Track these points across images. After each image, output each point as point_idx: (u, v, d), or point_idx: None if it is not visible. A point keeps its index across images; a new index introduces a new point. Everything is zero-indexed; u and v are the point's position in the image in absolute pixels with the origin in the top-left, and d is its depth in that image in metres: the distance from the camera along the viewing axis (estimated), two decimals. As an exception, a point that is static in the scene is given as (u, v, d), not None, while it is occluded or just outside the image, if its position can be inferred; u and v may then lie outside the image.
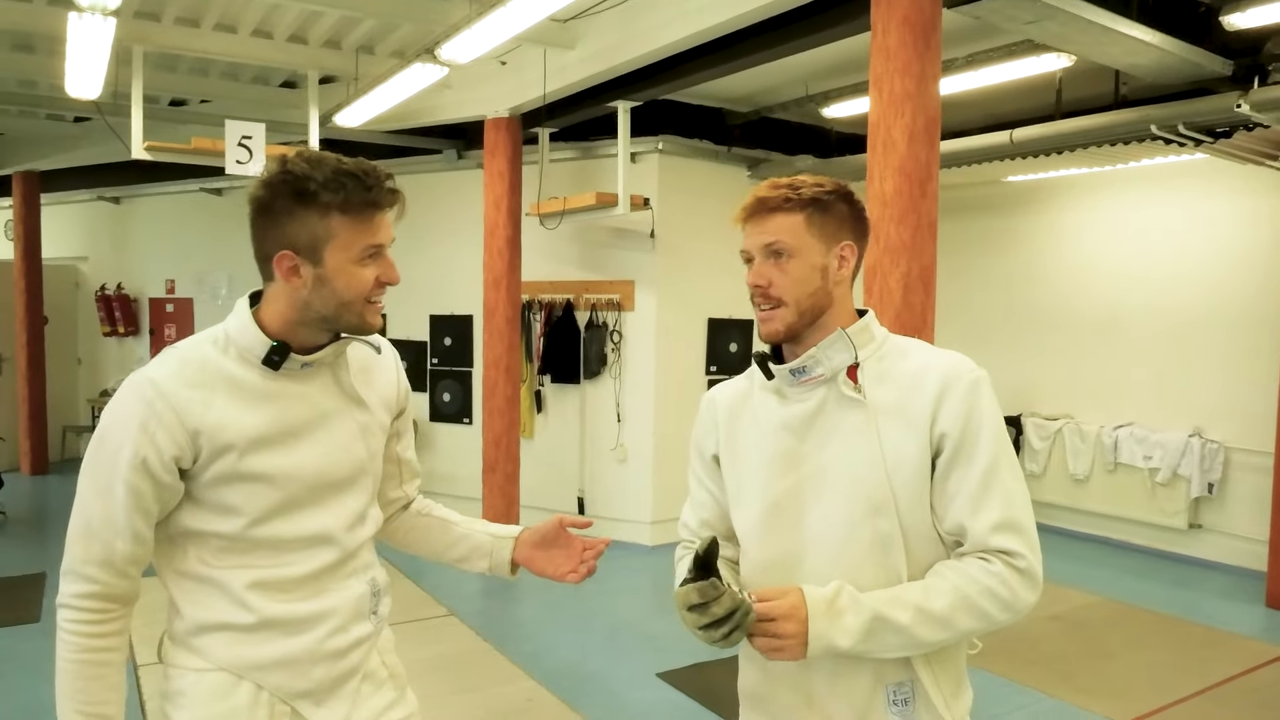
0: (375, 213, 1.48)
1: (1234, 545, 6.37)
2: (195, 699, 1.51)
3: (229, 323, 1.54)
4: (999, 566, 1.36)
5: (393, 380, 1.72)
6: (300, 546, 1.53)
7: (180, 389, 1.43)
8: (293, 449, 1.50)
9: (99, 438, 1.45)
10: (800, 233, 1.47)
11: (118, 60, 5.22)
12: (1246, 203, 6.26)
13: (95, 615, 1.44)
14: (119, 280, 9.72)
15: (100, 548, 1.43)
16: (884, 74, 3.47)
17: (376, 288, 1.50)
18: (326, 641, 1.56)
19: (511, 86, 6.17)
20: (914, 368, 1.46)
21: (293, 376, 1.52)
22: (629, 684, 4.34)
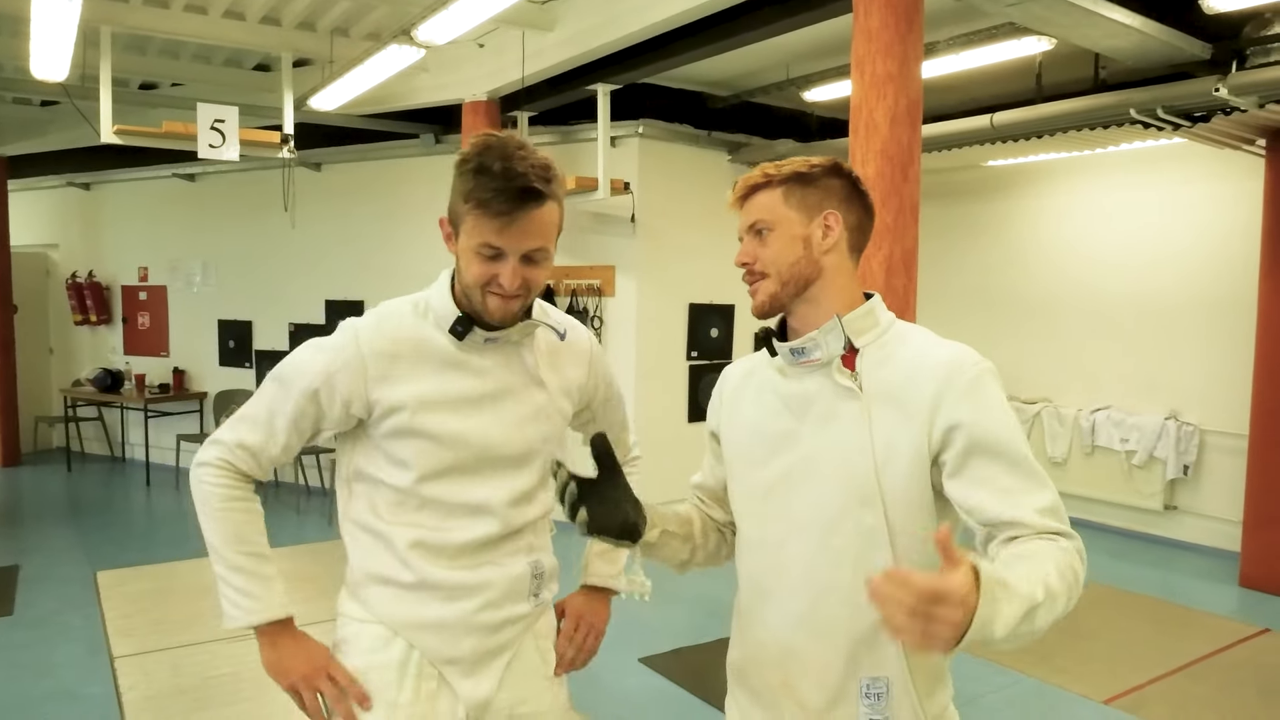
0: (492, 214, 1.48)
1: (1209, 526, 6.44)
2: (356, 647, 1.63)
3: (432, 288, 1.64)
4: (1065, 543, 1.29)
5: (582, 370, 1.75)
6: (463, 513, 1.60)
7: (374, 342, 1.57)
8: (466, 416, 1.58)
9: (293, 357, 1.61)
10: (778, 207, 1.48)
11: (85, 41, 5.11)
12: (1223, 187, 6.30)
13: (230, 478, 1.61)
14: (90, 268, 9.56)
15: (254, 437, 1.60)
16: (866, 56, 3.45)
17: (494, 284, 1.53)
18: (479, 614, 1.62)
19: (489, 69, 6.11)
20: (915, 356, 1.42)
21: (477, 349, 1.59)
22: (612, 670, 4.33)
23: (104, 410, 9.49)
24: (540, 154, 1.51)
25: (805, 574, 1.45)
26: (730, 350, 7.32)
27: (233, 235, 8.65)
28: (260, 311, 8.52)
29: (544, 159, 1.51)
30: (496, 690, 1.65)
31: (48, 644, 4.50)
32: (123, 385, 9.01)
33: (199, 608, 4.92)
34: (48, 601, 5.11)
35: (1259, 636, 4.86)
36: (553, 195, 1.52)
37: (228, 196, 8.67)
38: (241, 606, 1.59)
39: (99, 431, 9.64)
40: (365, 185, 7.75)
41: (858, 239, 1.51)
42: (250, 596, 1.59)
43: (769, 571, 1.51)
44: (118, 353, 9.49)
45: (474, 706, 1.64)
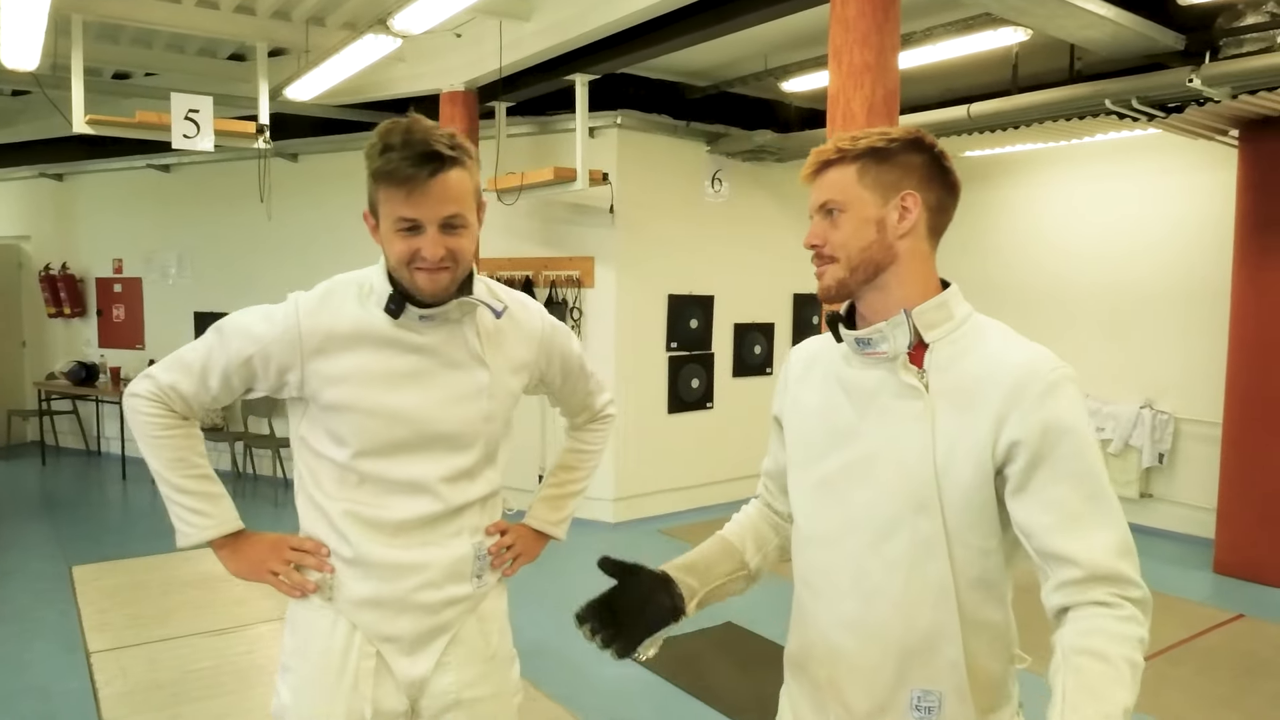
0: (400, 185, 1.48)
1: (1183, 513, 6.51)
2: (299, 629, 1.66)
3: (373, 268, 1.64)
4: (1128, 609, 1.21)
5: (530, 349, 1.75)
6: (401, 490, 1.61)
7: (314, 316, 1.59)
8: (402, 393, 1.59)
9: (239, 316, 1.64)
10: (851, 186, 1.36)
11: (56, 30, 5.05)
12: (1197, 178, 6.36)
13: (165, 410, 1.65)
14: (64, 260, 9.45)
15: (185, 381, 1.63)
16: (843, 45, 3.45)
17: (417, 259, 1.53)
18: (417, 593, 1.62)
19: (467, 59, 6.07)
20: (988, 357, 1.32)
21: (414, 327, 1.60)
22: (592, 660, 4.32)
23: (79, 403, 9.39)
24: (444, 127, 1.53)
25: (856, 577, 1.38)
26: (710, 341, 7.33)
27: (209, 227, 8.58)
28: (237, 303, 8.13)
29: (448, 130, 1.53)
30: (434, 671, 1.65)
31: (22, 640, 4.46)
32: (98, 378, 8.92)
33: (176, 601, 4.88)
34: (22, 597, 5.06)
35: (1233, 622, 4.92)
36: (460, 162, 1.52)
37: (203, 187, 8.59)
38: (194, 524, 1.65)
39: (74, 425, 9.54)
40: (342, 176, 7.68)
41: (938, 221, 1.41)
42: (201, 514, 1.65)
43: (821, 570, 1.44)
44: (92, 345, 9.40)
45: (410, 685, 1.65)
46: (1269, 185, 5.44)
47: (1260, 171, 5.48)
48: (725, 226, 7.33)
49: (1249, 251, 5.54)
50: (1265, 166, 5.45)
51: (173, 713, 3.69)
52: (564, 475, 1.99)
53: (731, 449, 7.47)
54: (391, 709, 1.63)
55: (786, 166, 7.44)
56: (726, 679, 4.07)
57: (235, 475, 8.04)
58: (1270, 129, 5.35)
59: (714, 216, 7.28)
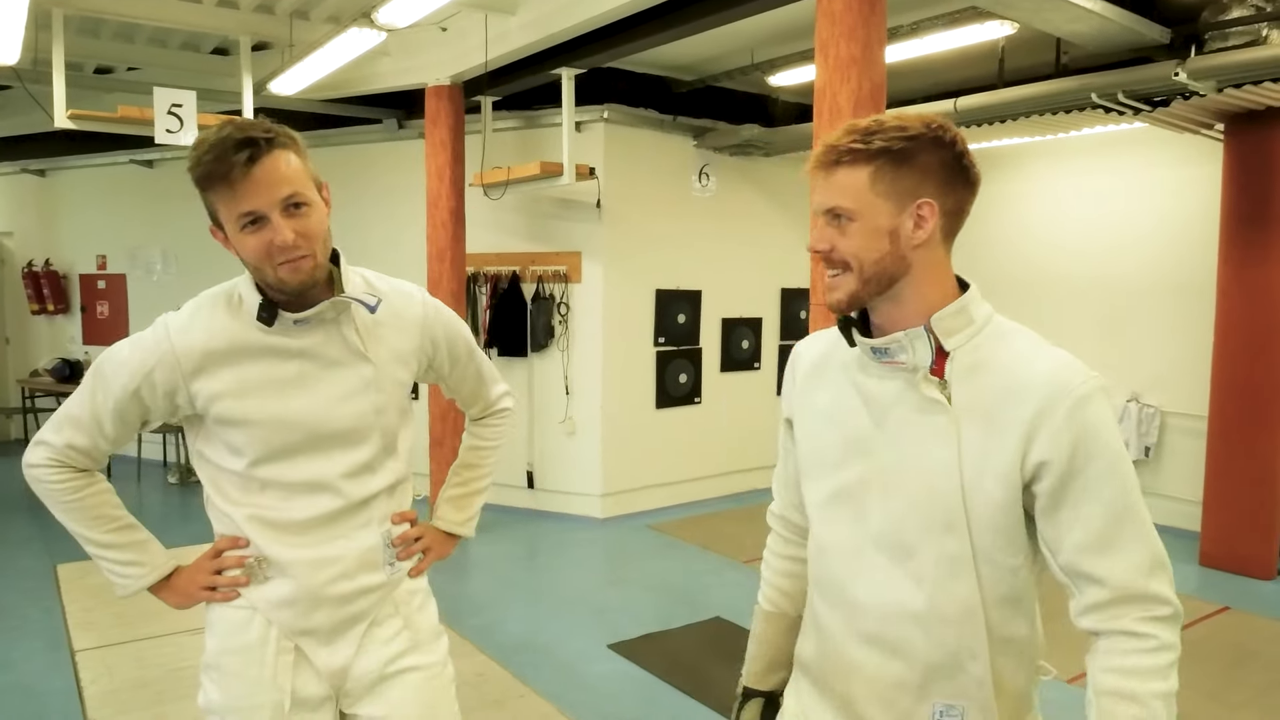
0: (225, 183, 1.47)
1: (1169, 506, 6.54)
2: (219, 630, 1.68)
3: (241, 278, 1.63)
4: (1157, 638, 1.21)
5: (412, 337, 1.74)
6: (302, 491, 1.62)
7: (186, 335, 1.58)
8: (287, 399, 1.59)
9: (113, 353, 1.63)
10: (864, 192, 1.25)
11: (36, 24, 5.00)
12: (1183, 172, 6.38)
13: (68, 473, 1.64)
14: (47, 256, 9.37)
15: (79, 436, 1.63)
16: (830, 39, 3.44)
17: (273, 251, 1.50)
18: (330, 586, 1.64)
19: (452, 53, 6.04)
20: (1013, 366, 1.25)
21: (289, 332, 1.59)
22: (581, 656, 4.33)
23: (63, 401, 9.30)
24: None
25: (878, 592, 1.32)
26: (698, 336, 7.32)
27: (193, 222, 8.35)
28: None
29: (259, 120, 1.53)
30: (355, 656, 1.68)
31: (6, 639, 4.42)
32: (82, 375, 8.83)
33: (161, 600, 4.85)
34: (7, 595, 5.02)
35: (1219, 615, 4.95)
36: (280, 143, 1.50)
37: (187, 183, 8.37)
38: (130, 575, 1.68)
39: (58, 423, 9.46)
40: (327, 171, 7.49)
41: (954, 224, 1.32)
42: (134, 564, 1.69)
43: (838, 583, 1.38)
44: (76, 342, 9.34)
45: (331, 674, 1.67)
46: (1254, 179, 5.46)
47: (1245, 165, 5.50)
48: (712, 221, 7.32)
49: (1234, 245, 5.56)
50: (1250, 160, 5.47)
51: (158, 711, 3.66)
52: (466, 474, 1.99)
53: (719, 444, 7.47)
54: (313, 695, 1.66)
55: (774, 161, 7.44)
56: (715, 674, 4.06)
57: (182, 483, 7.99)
58: (1255, 123, 5.37)
59: (701, 211, 7.27)
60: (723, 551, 6.01)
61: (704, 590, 5.32)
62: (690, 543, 6.20)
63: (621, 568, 5.86)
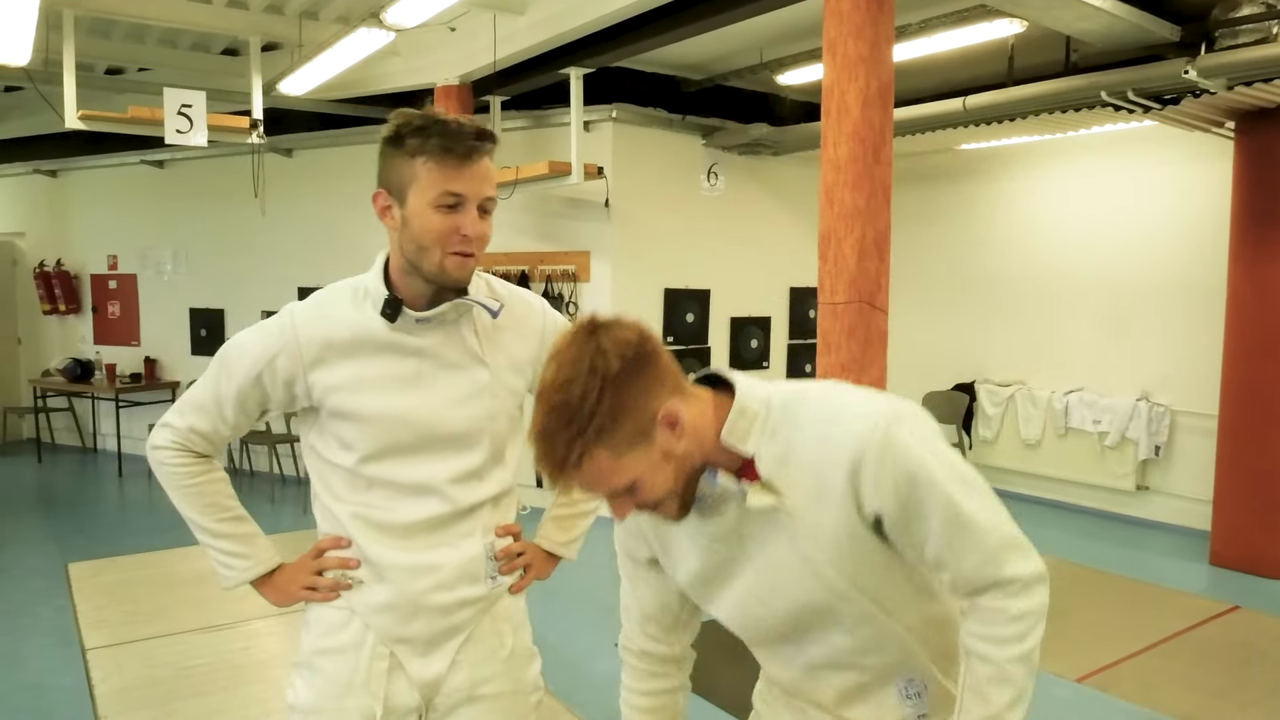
0: (455, 160, 1.50)
1: (1179, 506, 6.52)
2: (316, 629, 1.67)
3: (369, 272, 1.64)
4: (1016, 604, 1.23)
5: (532, 345, 1.72)
6: (409, 493, 1.61)
7: (309, 326, 1.59)
8: (402, 397, 1.59)
9: (238, 340, 1.65)
10: (619, 470, 1.20)
11: (48, 25, 5.03)
12: (1194, 170, 6.35)
13: (189, 457, 1.66)
14: (59, 256, 9.42)
15: (201, 420, 1.65)
16: (837, 38, 3.44)
17: (456, 237, 1.52)
18: (431, 595, 1.62)
19: (461, 53, 6.05)
20: (812, 445, 1.24)
21: (410, 330, 1.60)
22: (589, 655, 4.33)
23: (74, 400, 9.37)
24: None
25: (807, 651, 1.39)
26: (707, 335, 7.32)
27: (203, 222, 8.55)
28: (232, 299, 8.43)
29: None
30: (448, 671, 1.65)
31: (18, 637, 4.45)
32: (93, 375, 8.90)
33: (173, 598, 4.87)
34: (18, 594, 5.05)
35: (1229, 614, 4.93)
36: (492, 150, 1.56)
37: (198, 183, 8.57)
38: (235, 567, 1.69)
39: (69, 422, 9.52)
40: (337, 171, 7.67)
41: (678, 381, 1.24)
42: (240, 557, 1.69)
43: (769, 659, 1.48)
44: (87, 342, 9.38)
45: (424, 686, 1.65)
46: (1265, 177, 5.44)
47: (1256, 163, 5.47)
48: (721, 220, 7.32)
49: (1245, 244, 5.54)
50: (1261, 158, 5.45)
51: (168, 709, 3.68)
52: (576, 494, 1.90)
53: (728, 443, 7.46)
54: (404, 705, 1.64)
55: (782, 160, 7.43)
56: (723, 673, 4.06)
57: (232, 471, 8.03)
58: (1266, 120, 5.34)
59: (710, 210, 7.26)
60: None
61: (712, 589, 5.32)
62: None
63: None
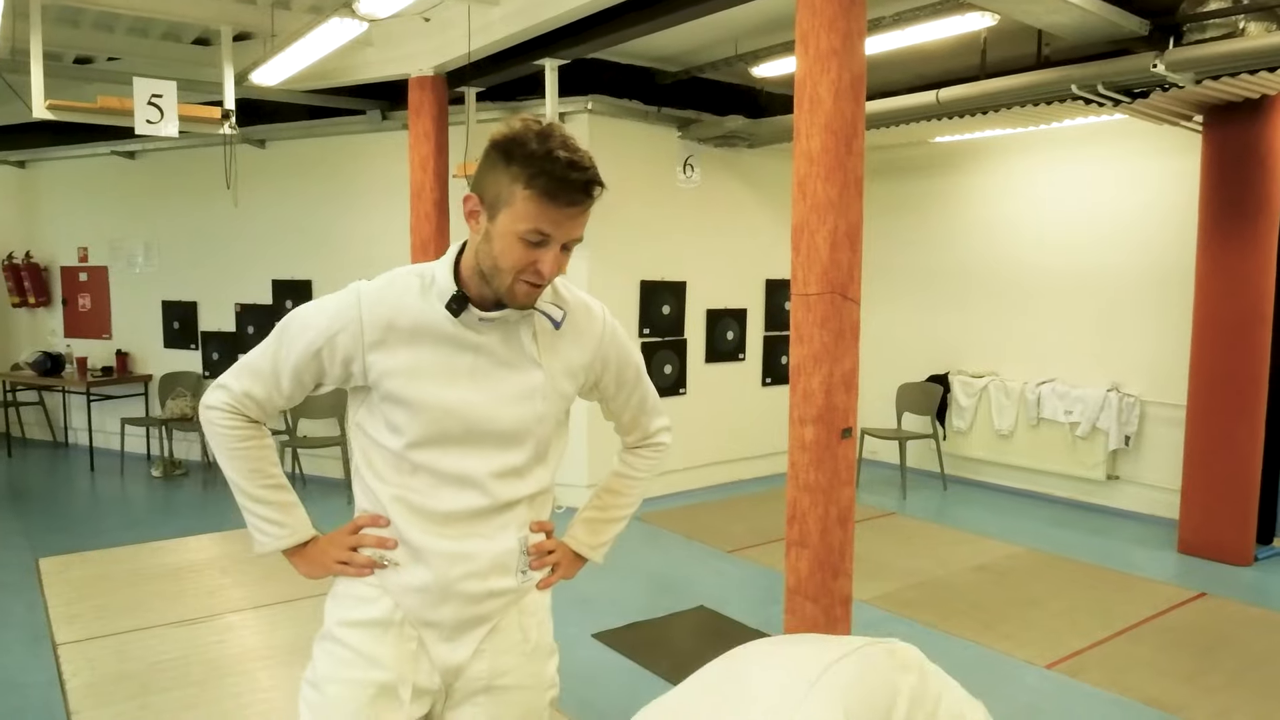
0: (554, 204, 1.50)
1: (1149, 495, 6.61)
2: (344, 602, 1.69)
3: (439, 262, 1.65)
4: None
5: (586, 351, 1.75)
6: (451, 482, 1.63)
7: (375, 308, 1.60)
8: (455, 389, 1.61)
9: (301, 312, 1.66)
10: None
11: (14, 13, 4.96)
12: (1165, 163, 6.42)
13: (241, 420, 1.68)
14: (28, 248, 9.30)
15: (257, 386, 1.66)
16: (810, 30, 3.45)
17: (530, 271, 1.54)
18: (462, 582, 1.64)
19: (436, 44, 6.02)
20: None
21: (473, 326, 1.62)
22: (565, 645, 4.31)
23: (44, 394, 9.27)
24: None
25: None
26: (683, 327, 7.33)
27: (176, 214, 8.46)
28: (205, 292, 8.35)
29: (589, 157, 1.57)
30: (471, 659, 1.68)
31: (-13, 632, 4.41)
32: (63, 368, 8.80)
33: (144, 592, 4.84)
34: (-13, 589, 5.00)
35: (1196, 600, 5.01)
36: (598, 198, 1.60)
37: (170, 174, 8.47)
38: (270, 534, 1.71)
39: (40, 416, 9.41)
40: (311, 162, 7.61)
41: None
42: (277, 524, 1.71)
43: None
44: (58, 335, 9.27)
45: (446, 671, 1.68)
46: (1231, 170, 5.51)
47: (1223, 156, 5.54)
48: (697, 212, 7.33)
49: (1213, 236, 5.61)
50: (1228, 152, 5.52)
51: (140, 703, 3.66)
52: (608, 499, 2.01)
53: (705, 435, 7.48)
54: (425, 686, 1.67)
55: (758, 152, 7.45)
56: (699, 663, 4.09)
57: (205, 466, 7.97)
58: (1233, 114, 5.41)
59: (686, 202, 7.27)
60: (707, 541, 6.04)
61: (688, 580, 5.35)
62: (675, 532, 6.21)
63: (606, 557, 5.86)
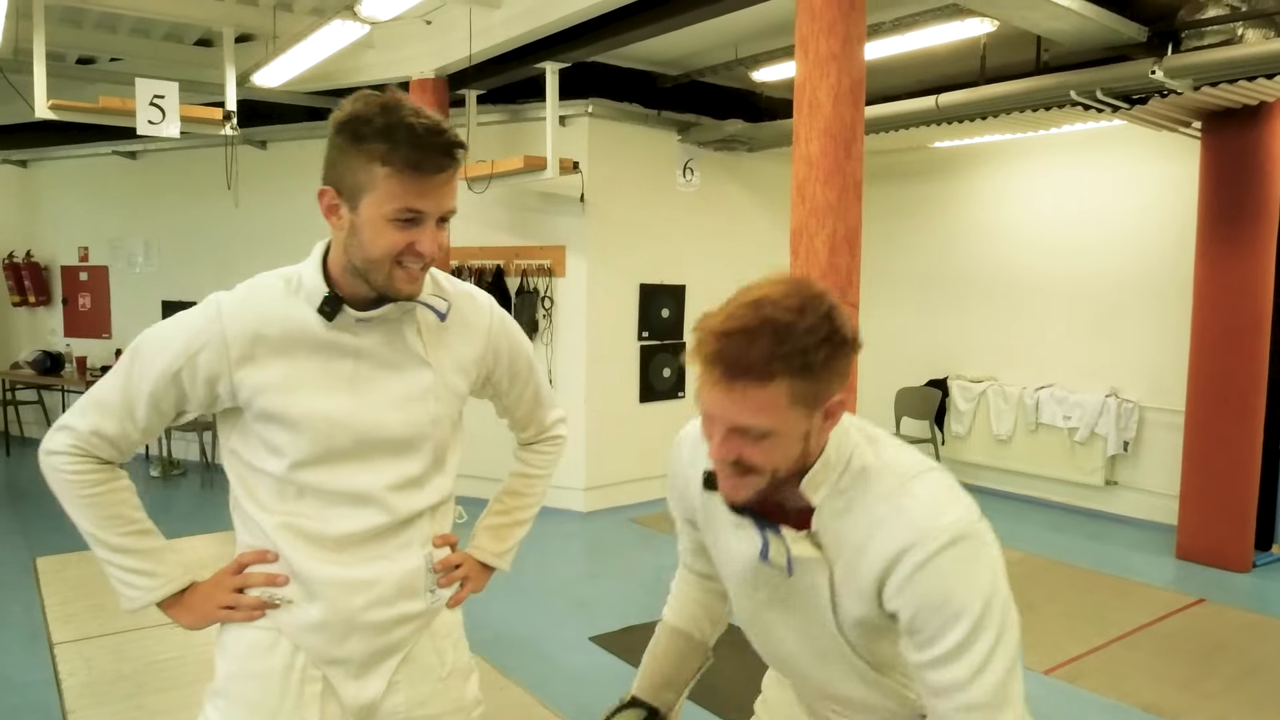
0: (419, 175, 1.36)
1: (1147, 500, 6.61)
2: (234, 652, 1.51)
3: (304, 263, 1.50)
4: None
5: (476, 344, 1.62)
6: (344, 502, 1.48)
7: (239, 320, 1.44)
8: (339, 399, 1.46)
9: (155, 332, 1.48)
10: (781, 411, 1.15)
11: (17, 13, 4.97)
12: (1163, 169, 6.43)
13: (90, 463, 1.47)
14: (28, 247, 9.31)
15: (107, 422, 1.46)
16: (810, 35, 3.46)
17: (409, 254, 1.40)
18: (367, 612, 1.50)
19: (437, 47, 6.03)
20: (871, 516, 1.23)
21: (348, 329, 1.47)
22: (562, 648, 4.35)
23: (44, 393, 9.27)
24: None
25: (818, 685, 1.43)
26: (682, 330, 7.34)
27: (177, 214, 8.47)
28: (205, 292, 7.93)
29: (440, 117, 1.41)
30: (385, 693, 1.54)
31: (-16, 631, 4.41)
32: (63, 367, 8.81)
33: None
34: (-15, 588, 5.00)
35: (1194, 606, 5.01)
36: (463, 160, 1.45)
37: (171, 175, 8.49)
38: (140, 586, 1.51)
39: (39, 415, 9.41)
40: (312, 164, 7.46)
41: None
42: (147, 574, 1.51)
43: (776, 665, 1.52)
44: (57, 334, 9.28)
45: (358, 710, 1.53)
46: (1230, 176, 5.51)
47: (1221, 162, 5.55)
48: (696, 216, 7.34)
49: (1211, 242, 5.61)
50: (1226, 158, 5.53)
51: (136, 703, 3.65)
52: (510, 502, 1.85)
53: (703, 438, 7.48)
54: None
55: (758, 156, 7.46)
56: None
57: (204, 466, 7.97)
58: (1231, 121, 5.42)
59: (685, 206, 7.28)
60: (705, 545, 6.03)
61: (686, 583, 5.35)
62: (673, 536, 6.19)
63: (604, 560, 5.88)
